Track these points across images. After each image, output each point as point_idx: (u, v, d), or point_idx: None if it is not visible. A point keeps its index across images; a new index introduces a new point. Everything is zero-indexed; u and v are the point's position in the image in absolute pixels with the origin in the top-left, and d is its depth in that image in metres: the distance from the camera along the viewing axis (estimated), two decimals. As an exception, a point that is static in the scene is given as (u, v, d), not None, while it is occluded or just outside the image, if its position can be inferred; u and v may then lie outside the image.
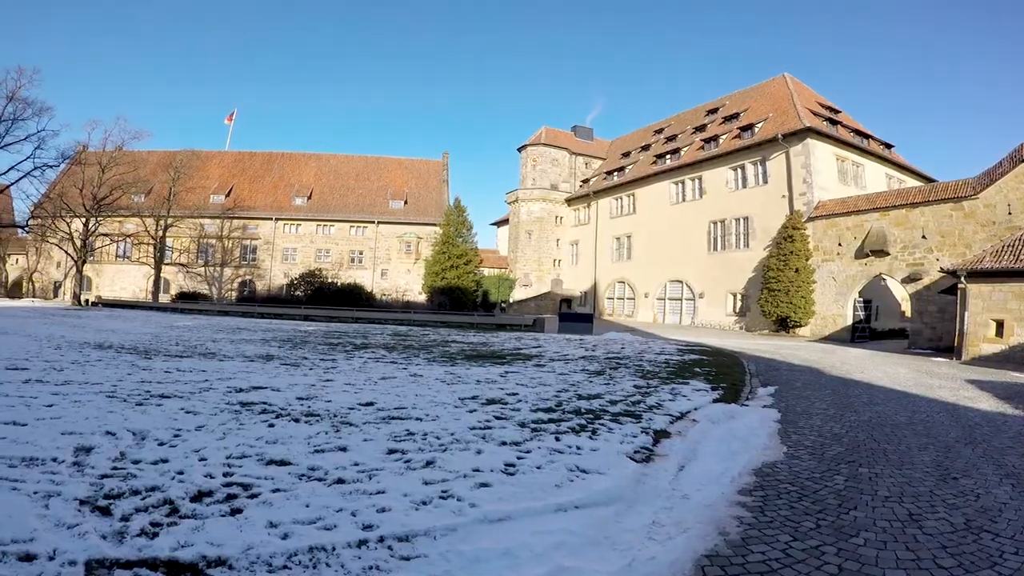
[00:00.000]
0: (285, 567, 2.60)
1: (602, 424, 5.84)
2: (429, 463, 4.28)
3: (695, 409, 6.87)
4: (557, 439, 5.13)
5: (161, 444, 4.63)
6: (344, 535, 2.96)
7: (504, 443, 4.91)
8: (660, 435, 5.53)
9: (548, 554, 2.87)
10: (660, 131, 41.80)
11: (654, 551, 2.97)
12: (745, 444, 5.23)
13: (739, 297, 29.65)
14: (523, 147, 45.05)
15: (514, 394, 7.49)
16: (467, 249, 39.04)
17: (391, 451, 4.60)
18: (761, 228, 28.31)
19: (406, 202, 46.10)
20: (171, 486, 3.60)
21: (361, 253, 44.89)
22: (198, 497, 3.44)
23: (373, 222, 44.79)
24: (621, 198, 39.74)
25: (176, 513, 3.19)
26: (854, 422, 6.68)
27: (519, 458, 4.45)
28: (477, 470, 4.13)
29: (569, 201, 44.41)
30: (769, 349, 17.29)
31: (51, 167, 33.12)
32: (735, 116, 33.86)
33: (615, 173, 41.38)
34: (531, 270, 43.95)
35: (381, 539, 2.94)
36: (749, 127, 30.82)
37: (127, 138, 40.05)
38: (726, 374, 10.47)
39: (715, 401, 7.54)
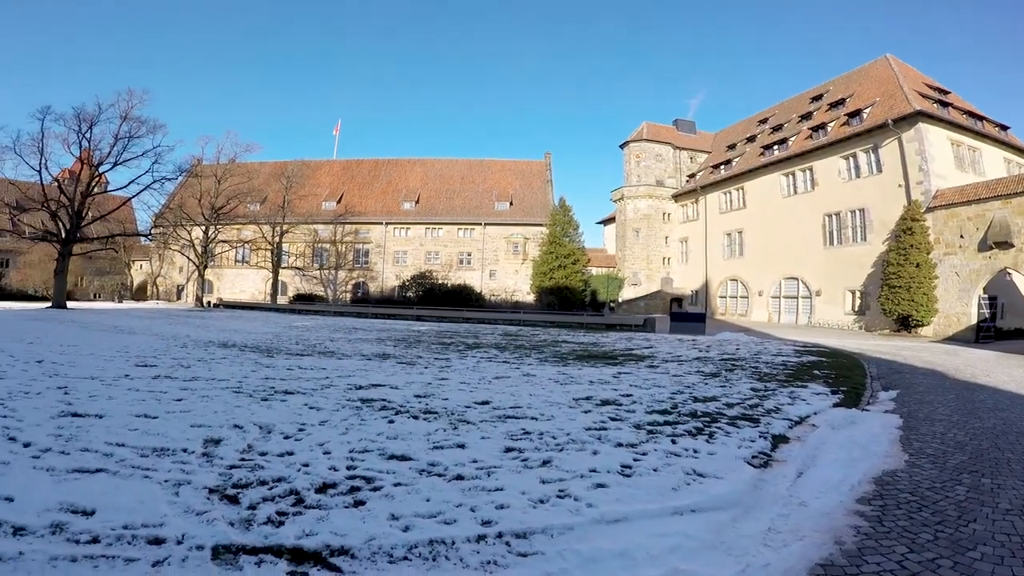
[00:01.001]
0: (406, 558, 3.90)
1: (719, 427, 7.92)
2: (546, 462, 6.07)
3: (814, 414, 9.24)
4: (673, 442, 7.06)
5: (287, 437, 6.96)
6: (463, 530, 4.30)
7: (620, 444, 6.86)
8: (778, 440, 7.47)
9: (664, 556, 4.02)
10: (764, 121, 56.82)
11: (769, 558, 4.12)
12: (865, 451, 7.05)
13: (858, 295, 39.57)
14: (625, 143, 63.25)
15: (628, 395, 10.32)
16: (574, 248, 55.75)
17: (508, 449, 6.59)
18: (878, 220, 37.77)
19: (511, 203, 66.36)
20: (297, 477, 5.48)
21: (469, 255, 65.11)
22: (323, 489, 5.19)
23: (480, 224, 64.89)
24: (730, 192, 53.95)
25: (301, 503, 4.86)
26: (978, 429, 8.65)
27: (635, 460, 6.23)
28: (594, 471, 5.81)
29: (676, 197, 61.12)
30: (890, 351, 22.50)
31: (169, 180, 50.42)
32: (841, 102, 45.77)
33: (722, 167, 56.25)
34: (640, 268, 60.49)
35: (499, 535, 4.27)
36: (856, 113, 41.34)
37: (239, 151, 63.05)
38: (846, 377, 13.91)
39: (835, 405, 10.16)
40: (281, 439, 6.85)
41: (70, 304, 47.55)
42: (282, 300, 62.22)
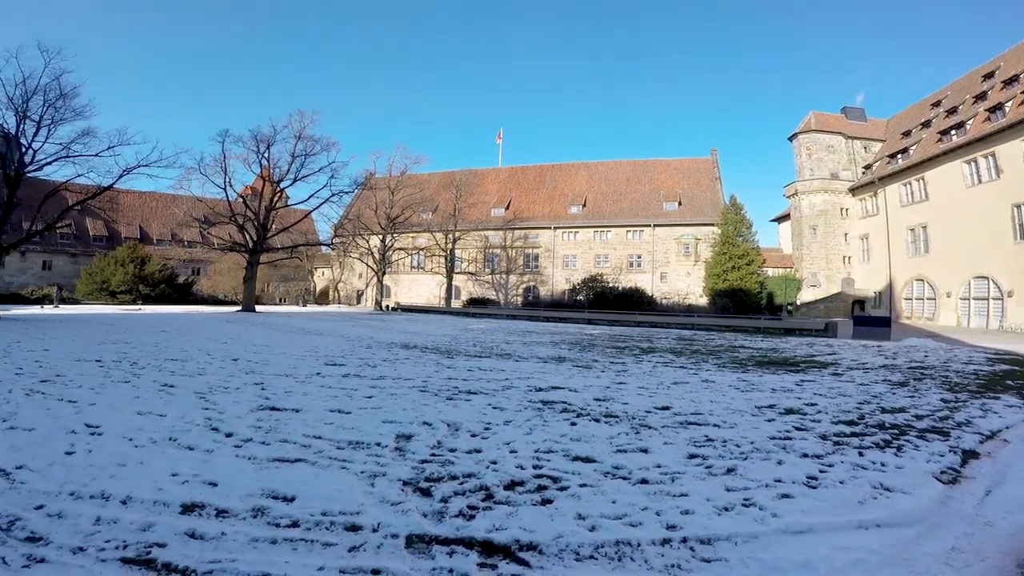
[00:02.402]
0: (592, 557, 4.06)
1: (907, 440, 7.76)
2: (730, 470, 6.13)
3: (1007, 428, 8.83)
4: (860, 454, 6.96)
5: (473, 436, 7.35)
6: (648, 532, 4.45)
7: (805, 455, 6.83)
8: (968, 455, 7.18)
9: (845, 570, 4.04)
10: (937, 104, 54.36)
11: (950, 578, 4.09)
12: (1062, 470, 6.68)
13: (1057, 296, 38.43)
14: (794, 135, 61.91)
15: (812, 404, 10.23)
16: (748, 249, 56.34)
17: (691, 456, 6.66)
18: (1079, 209, 36.89)
19: (680, 203, 66.67)
20: (486, 474, 5.79)
21: (639, 257, 66.29)
22: (511, 486, 5.49)
23: (649, 225, 66.02)
24: (910, 183, 51.33)
25: (491, 499, 5.14)
26: None
27: (821, 471, 6.18)
28: (779, 480, 5.83)
29: (853, 191, 58.71)
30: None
31: (346, 193, 55.19)
32: (1015, 79, 43.59)
33: (898, 156, 54.20)
34: (818, 269, 58.63)
35: (684, 540, 4.36)
36: (1034, 89, 40.08)
37: (409, 163, 69.55)
38: (1042, 388, 13.15)
39: (1029, 419, 9.69)
40: (468, 437, 7.21)
41: (258, 308, 53.04)
42: (456, 304, 67.46)
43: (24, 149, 33.35)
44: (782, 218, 74.49)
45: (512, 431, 7.55)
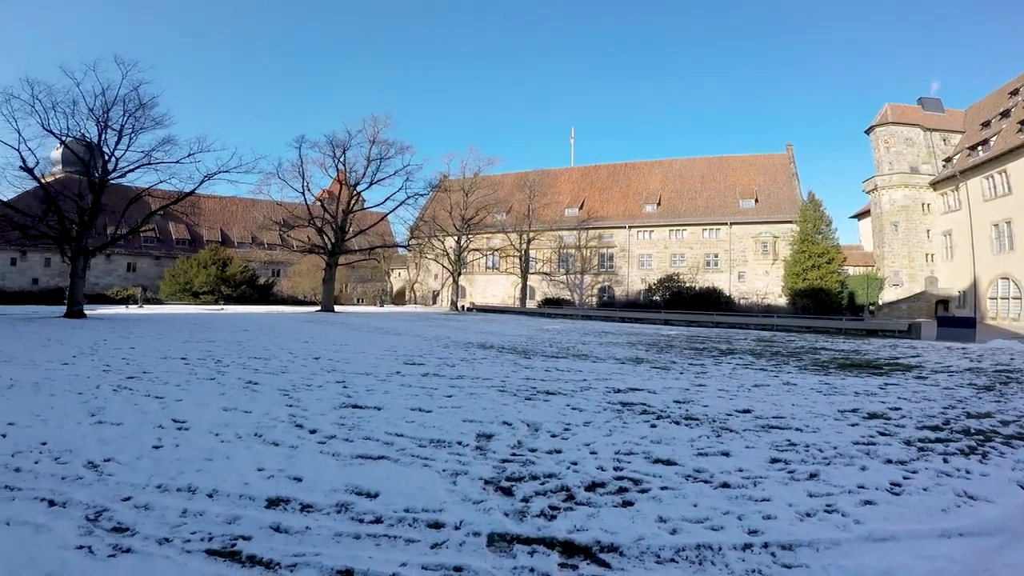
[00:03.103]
0: (672, 560, 4.07)
1: (992, 447, 7.57)
2: (813, 475, 6.09)
3: None
4: (945, 460, 6.82)
5: (553, 436, 7.40)
6: (730, 537, 4.45)
7: (889, 461, 6.77)
8: None
9: None
10: (1015, 92, 52.09)
11: (1031, 590, 4.08)
12: None
13: None
14: (870, 128, 59.99)
15: (896, 408, 10.08)
16: (828, 247, 55.04)
17: (774, 460, 6.63)
18: None
19: (757, 200, 65.25)
20: (567, 475, 5.82)
21: (716, 256, 64.93)
22: (592, 487, 5.52)
23: (726, 223, 64.67)
24: (992, 176, 48.86)
25: (572, 500, 5.17)
26: None
27: (905, 478, 6.12)
28: (861, 487, 5.76)
29: (934, 185, 56.61)
30: None
31: (421, 195, 57.32)
32: None
33: (979, 148, 51.81)
34: (900, 267, 56.70)
35: (765, 545, 4.36)
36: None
37: (482, 165, 70.62)
38: None
39: (1122, 425, 9.40)
40: (548, 437, 7.27)
41: (336, 308, 54.54)
42: (531, 304, 66.96)
43: (107, 157, 35.18)
44: (862, 214, 72.06)
45: (592, 432, 7.58)
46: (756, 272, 62.55)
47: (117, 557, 3.92)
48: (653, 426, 8.03)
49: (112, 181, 35.83)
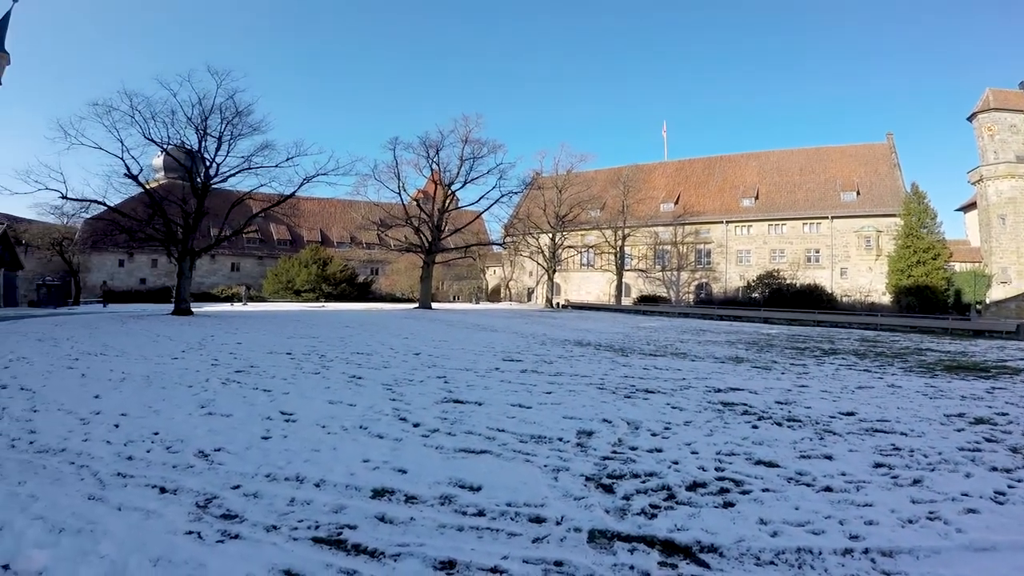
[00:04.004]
0: (772, 563, 4.06)
1: None
2: (916, 481, 5.99)
3: None
4: None
5: (654, 435, 7.41)
6: (830, 541, 4.43)
7: (994, 468, 6.57)
8: None
9: None
10: None
11: None
12: None
13: None
14: (972, 115, 55.64)
15: (1003, 414, 9.75)
16: (933, 241, 52.22)
17: (877, 465, 6.53)
18: None
19: (858, 192, 62.17)
20: (667, 474, 5.83)
21: (817, 251, 62.37)
22: (693, 487, 5.53)
23: (826, 217, 61.92)
24: None
25: (673, 499, 5.19)
26: None
27: (1010, 486, 5.95)
28: (965, 494, 5.64)
29: None
30: None
31: (514, 193, 58.07)
32: None
33: None
34: (1009, 263, 52.32)
35: (866, 551, 4.31)
36: None
37: (574, 161, 70.27)
38: None
39: None
40: (649, 436, 7.29)
41: (433, 305, 55.52)
42: (626, 301, 66.77)
43: (208, 163, 37.11)
44: (968, 207, 65.69)
45: (692, 432, 7.57)
46: (859, 268, 59.72)
47: (225, 543, 4.15)
48: (755, 427, 7.99)
49: (214, 186, 37.88)
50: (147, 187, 36.89)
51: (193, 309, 37.28)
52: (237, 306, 50.40)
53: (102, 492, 5.10)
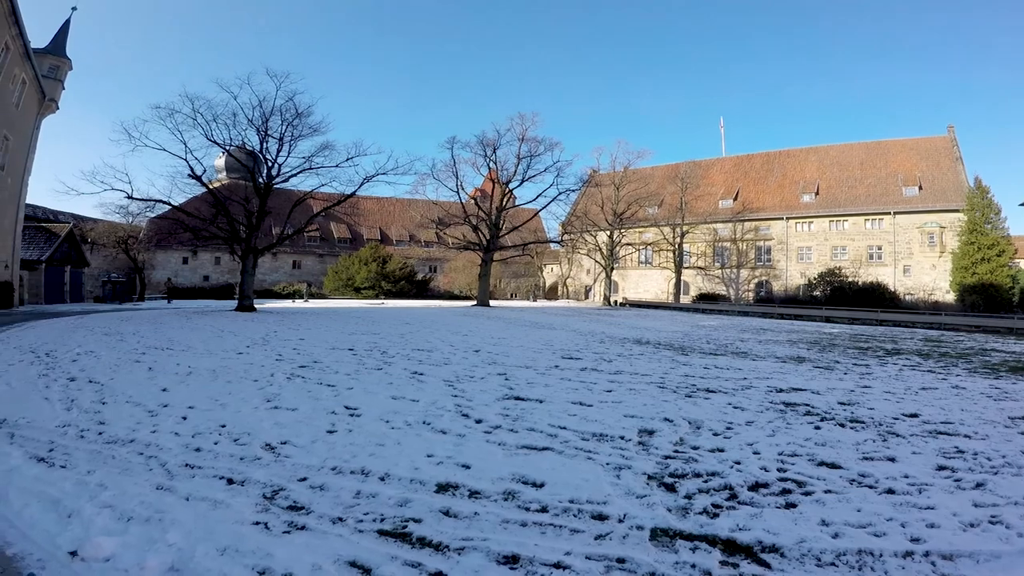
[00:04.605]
0: (832, 564, 4.08)
1: None
2: (979, 485, 5.92)
3: None
4: None
5: (715, 435, 7.41)
6: (892, 544, 4.43)
7: None
8: None
9: None
10: None
11: None
12: None
13: None
14: None
15: None
16: (998, 238, 50.29)
17: (940, 467, 6.47)
18: None
19: (920, 187, 60.53)
20: (729, 474, 5.83)
21: (879, 248, 60.85)
22: (755, 487, 5.52)
23: (888, 213, 60.40)
24: None
25: (735, 499, 5.20)
26: None
27: None
28: None
29: None
30: None
31: (572, 191, 58.64)
32: None
33: None
34: None
35: (926, 554, 4.30)
36: None
37: (631, 158, 71.10)
38: None
39: None
40: (710, 435, 7.29)
41: (491, 303, 56.08)
42: (684, 299, 66.15)
43: (270, 164, 38.17)
44: None
45: (754, 432, 7.55)
46: (922, 266, 58.17)
47: (292, 534, 4.28)
48: (817, 428, 7.93)
49: (276, 185, 38.82)
50: (211, 187, 37.96)
51: (256, 305, 38.41)
52: (299, 303, 51.57)
53: (170, 482, 5.30)
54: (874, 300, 49.29)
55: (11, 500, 4.79)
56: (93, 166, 69.71)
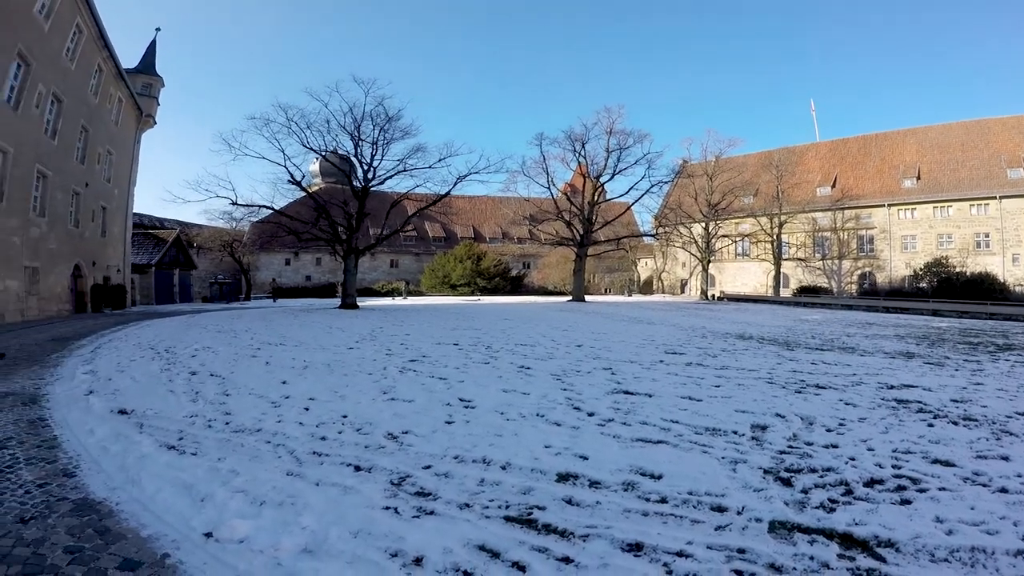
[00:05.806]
0: (946, 560, 4.13)
1: None
2: None
3: None
4: None
5: (828, 431, 7.39)
6: (1004, 542, 4.41)
7: None
8: None
9: None
10: None
11: None
12: None
13: None
14: None
15: None
16: None
17: None
18: None
19: None
20: (844, 469, 5.84)
21: (986, 235, 56.36)
22: (870, 483, 5.54)
23: (994, 197, 55.70)
24: None
25: (850, 494, 5.23)
26: None
27: None
28: None
29: None
30: None
31: (664, 183, 59.55)
32: None
33: None
34: None
35: None
36: None
37: (723, 147, 68.05)
38: None
39: None
40: (823, 431, 7.27)
41: (586, 298, 56.19)
42: (784, 293, 64.12)
43: (365, 167, 39.64)
44: None
45: (867, 428, 7.49)
46: (1035, 253, 54.41)
47: (421, 518, 4.56)
48: (930, 425, 7.78)
49: (372, 188, 40.24)
50: (310, 192, 39.56)
51: (358, 303, 39.81)
52: (398, 300, 53.19)
53: (299, 469, 5.67)
54: (983, 292, 46.71)
55: (144, 485, 5.20)
56: (196, 175, 73.96)
